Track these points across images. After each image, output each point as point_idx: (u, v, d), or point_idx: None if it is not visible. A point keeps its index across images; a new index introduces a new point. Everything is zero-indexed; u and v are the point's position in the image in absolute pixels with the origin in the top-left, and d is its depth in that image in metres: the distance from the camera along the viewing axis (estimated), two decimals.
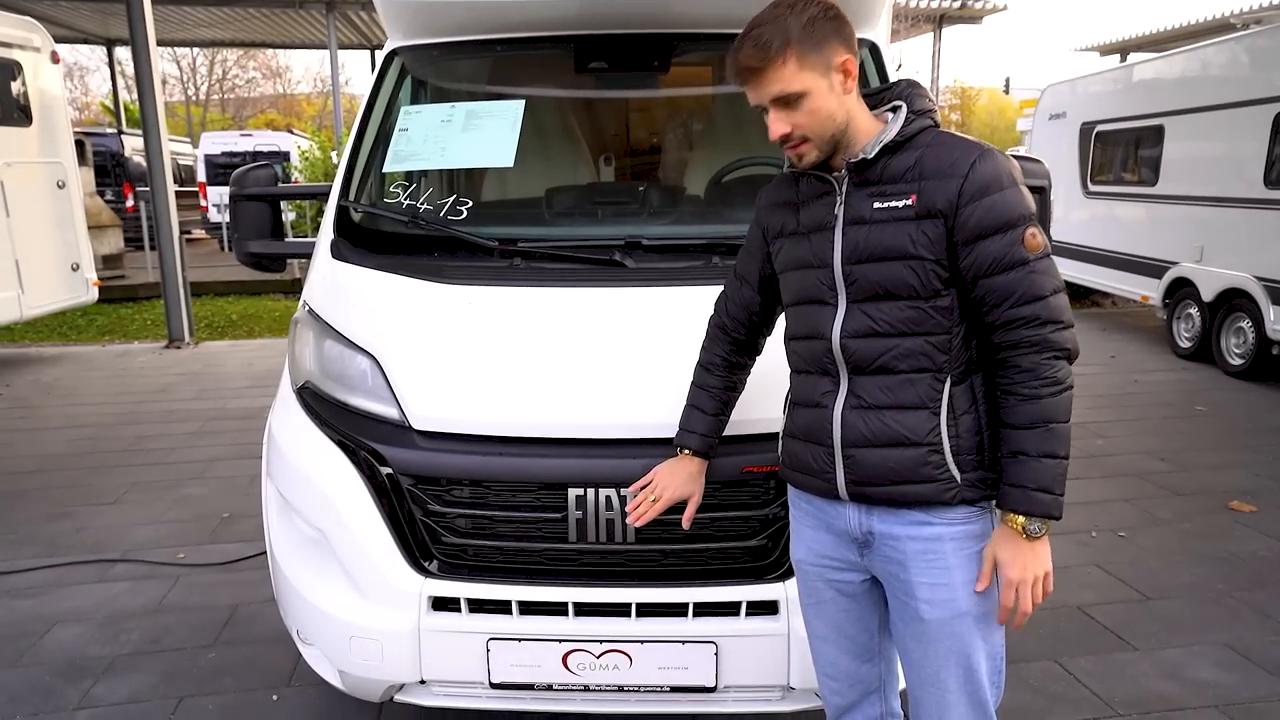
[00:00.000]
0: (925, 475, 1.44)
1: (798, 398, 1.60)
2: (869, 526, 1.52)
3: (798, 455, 1.59)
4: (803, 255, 1.53)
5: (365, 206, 2.62)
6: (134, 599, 3.19)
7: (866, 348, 1.45)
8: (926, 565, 1.47)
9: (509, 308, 2.16)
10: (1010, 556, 1.41)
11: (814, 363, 1.53)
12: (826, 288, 1.49)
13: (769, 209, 1.64)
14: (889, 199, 1.43)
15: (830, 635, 1.68)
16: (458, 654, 1.94)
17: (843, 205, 1.48)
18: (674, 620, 1.92)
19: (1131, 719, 2.43)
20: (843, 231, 1.47)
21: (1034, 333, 1.38)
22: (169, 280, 7.93)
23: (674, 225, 2.62)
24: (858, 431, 1.47)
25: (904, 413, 1.44)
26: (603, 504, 1.90)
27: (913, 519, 1.47)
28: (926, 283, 1.41)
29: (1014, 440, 1.40)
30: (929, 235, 1.40)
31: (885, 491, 1.47)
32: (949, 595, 1.46)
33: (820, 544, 1.62)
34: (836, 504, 1.55)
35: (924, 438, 1.43)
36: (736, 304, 1.76)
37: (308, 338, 2.30)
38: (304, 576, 2.07)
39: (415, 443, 1.98)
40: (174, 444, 5.12)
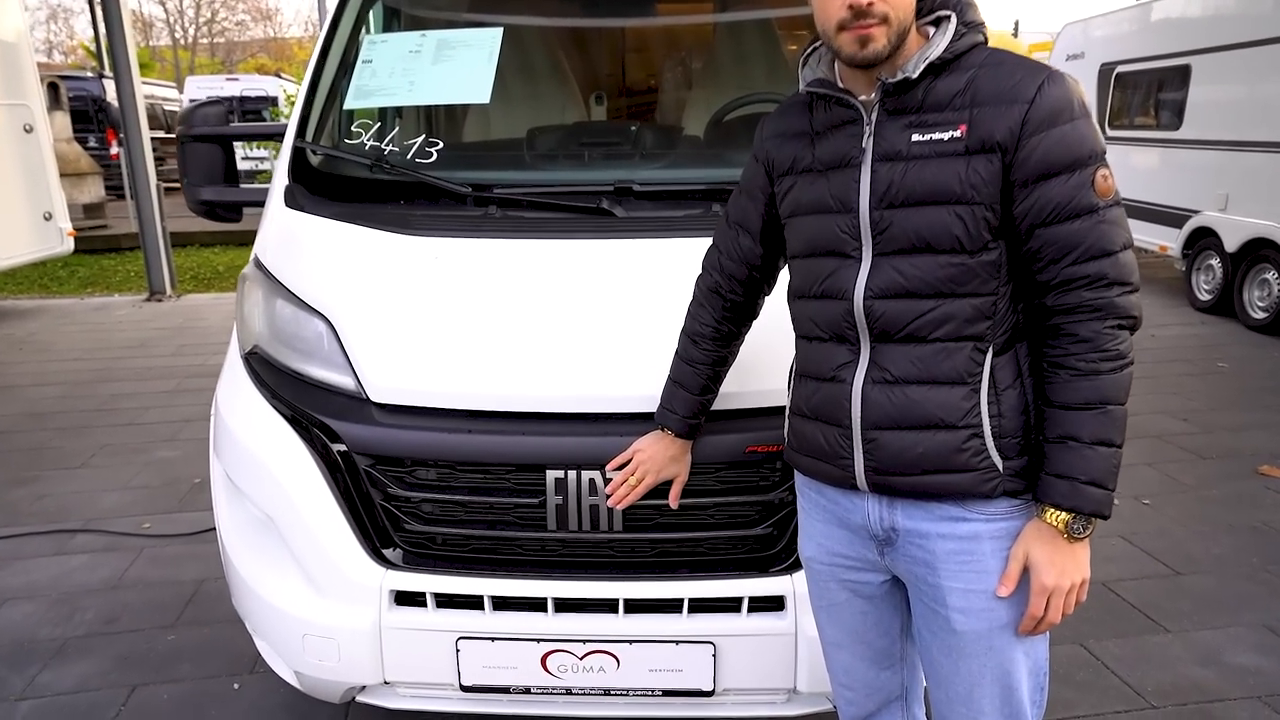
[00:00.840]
0: (961, 463, 1.20)
1: (807, 369, 1.35)
2: (891, 522, 1.29)
3: (807, 437, 1.35)
4: (818, 197, 1.27)
5: (324, 148, 2.34)
6: (92, 574, 2.99)
7: (896, 310, 1.20)
8: (960, 568, 1.24)
9: (481, 263, 1.90)
10: (1046, 558, 1.19)
11: (829, 328, 1.28)
12: (848, 237, 1.23)
13: (775, 140, 1.37)
14: (932, 130, 1.17)
15: (845, 641, 1.46)
16: (424, 654, 1.73)
17: (872, 137, 1.22)
18: (667, 618, 1.70)
19: (1166, 711, 2.24)
20: (871, 169, 1.21)
21: (1098, 295, 1.14)
22: (147, 230, 7.63)
23: (669, 169, 2.34)
24: (882, 410, 1.23)
25: (937, 389, 1.20)
26: (585, 488, 1.66)
27: (944, 514, 1.24)
28: (974, 233, 1.15)
29: (1063, 422, 1.16)
30: (981, 174, 1.14)
31: (913, 482, 1.23)
32: (987, 604, 1.24)
33: (833, 540, 1.39)
34: (853, 495, 1.32)
35: (961, 419, 1.20)
36: (732, 258, 1.49)
37: (256, 296, 2.04)
38: (253, 567, 1.84)
39: (373, 417, 1.74)
40: (148, 403, 4.90)
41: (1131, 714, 2.23)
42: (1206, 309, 7.11)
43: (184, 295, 8.10)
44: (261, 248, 2.17)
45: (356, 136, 2.32)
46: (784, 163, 1.35)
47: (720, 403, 1.70)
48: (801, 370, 1.37)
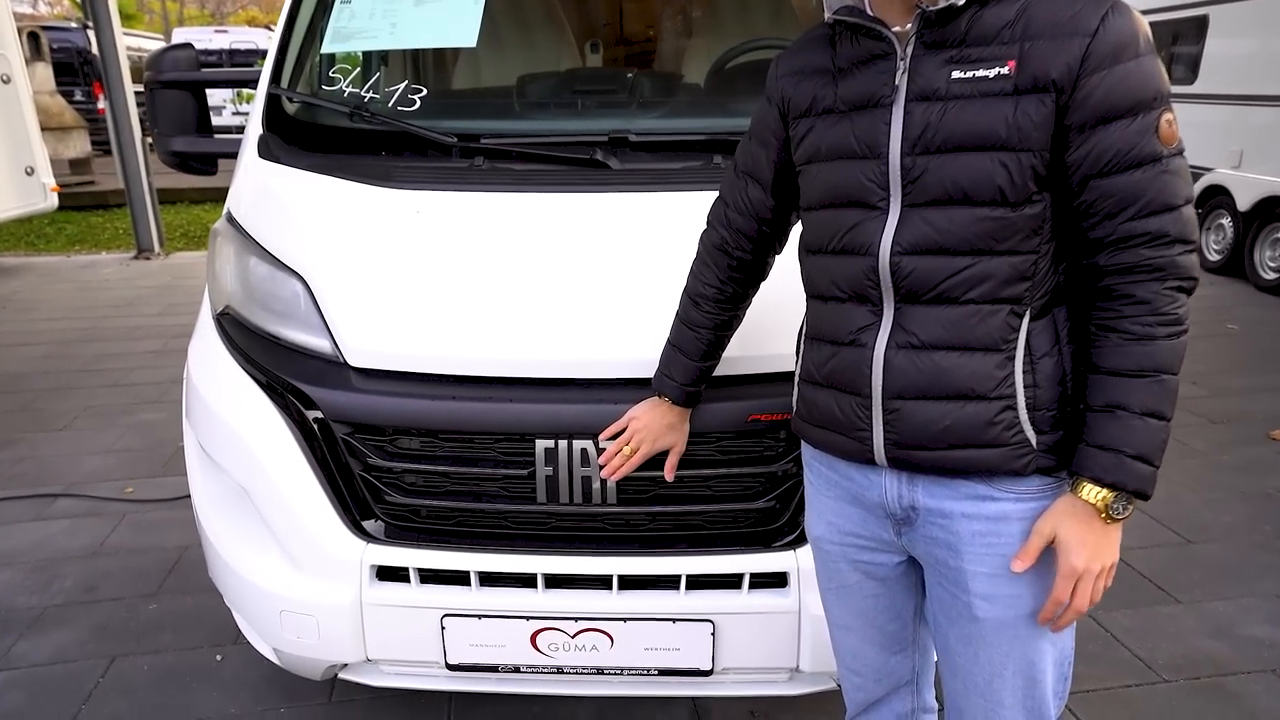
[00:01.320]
0: (992, 438, 1.09)
1: (821, 332, 1.23)
2: (911, 500, 1.18)
3: (820, 407, 1.24)
4: (841, 141, 1.14)
5: (300, 95, 2.20)
6: (72, 540, 2.90)
7: (926, 268, 1.08)
8: (985, 551, 1.14)
9: (466, 217, 1.78)
10: (1078, 538, 1.07)
11: (849, 286, 1.16)
12: (875, 186, 1.11)
13: (791, 79, 1.24)
14: (975, 66, 1.04)
15: (855, 624, 1.37)
16: (408, 632, 1.64)
17: (906, 74, 1.08)
18: (663, 594, 1.61)
19: (1178, 685, 2.17)
20: (905, 109, 1.08)
21: (1158, 254, 1.02)
22: (133, 187, 7.43)
23: (667, 118, 2.20)
24: (906, 378, 1.12)
25: (969, 355, 1.09)
26: (577, 458, 1.56)
27: (970, 492, 1.14)
28: (1019, 183, 1.03)
29: (1112, 390, 1.05)
30: (1031, 116, 1.01)
31: (937, 457, 1.12)
32: (1013, 590, 1.14)
33: (845, 519, 1.29)
34: (869, 470, 1.21)
35: (994, 389, 1.08)
36: (740, 211, 1.36)
37: (228, 253, 1.92)
38: (228, 541, 1.75)
39: (351, 383, 1.63)
40: (134, 364, 4.78)
41: (1143, 688, 2.16)
42: (1215, 269, 6.97)
43: (173, 253, 7.93)
44: (234, 201, 2.05)
45: (335, 83, 2.18)
46: (801, 103, 1.21)
47: (721, 368, 1.59)
48: (814, 333, 1.25)
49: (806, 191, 1.23)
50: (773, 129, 1.28)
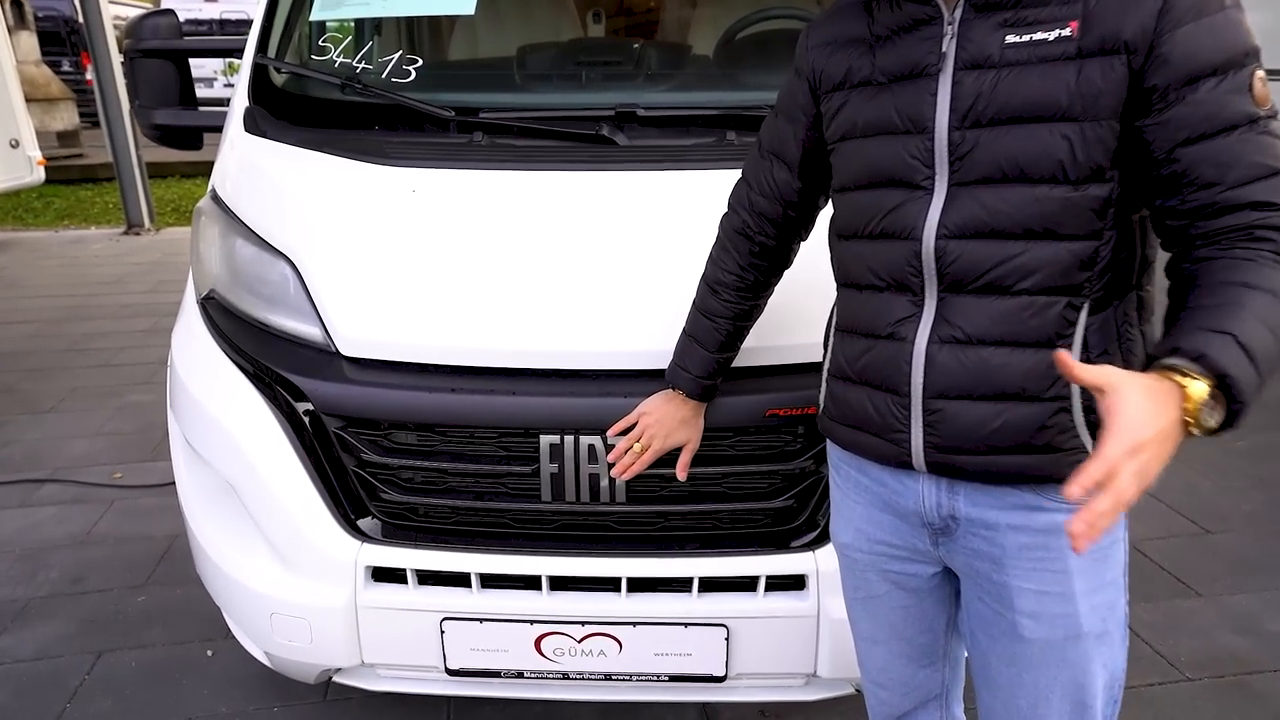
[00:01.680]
0: (1044, 442, 1.00)
1: (854, 324, 1.13)
2: (951, 509, 1.09)
3: (852, 405, 1.14)
4: (881, 115, 1.04)
5: (288, 65, 2.08)
6: (59, 527, 2.82)
7: (976, 253, 0.98)
8: (1034, 566, 1.05)
9: (465, 197, 1.68)
10: (1143, 418, 0.78)
11: (887, 273, 1.06)
12: (919, 163, 1.01)
13: (822, 49, 1.13)
14: (1032, 28, 0.93)
15: (882, 637, 1.28)
16: (405, 636, 1.56)
17: (954, 40, 0.98)
18: (675, 597, 1.53)
19: (1203, 684, 2.10)
20: (953, 79, 0.98)
21: (1267, 216, 0.87)
22: (122, 160, 7.27)
23: (677, 91, 2.09)
24: (951, 376, 1.02)
25: (1020, 351, 0.99)
26: (584, 455, 1.47)
27: (1017, 501, 1.04)
28: (1083, 158, 0.92)
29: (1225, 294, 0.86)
30: (1098, 82, 0.91)
31: (983, 462, 1.03)
32: (1064, 609, 1.05)
33: (876, 526, 1.20)
34: (905, 475, 1.12)
35: (1048, 389, 0.99)
36: (764, 193, 1.26)
37: (212, 234, 1.82)
38: (216, 539, 1.66)
39: (343, 373, 1.54)
40: (123, 343, 4.67)
41: (1167, 686, 2.09)
42: None
43: (163, 229, 7.78)
44: (219, 178, 1.94)
45: (325, 52, 2.06)
46: (834, 76, 1.11)
47: (737, 359, 1.51)
48: (847, 325, 1.15)
49: (841, 171, 1.12)
50: (801, 105, 1.17)
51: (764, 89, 2.04)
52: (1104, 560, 1.06)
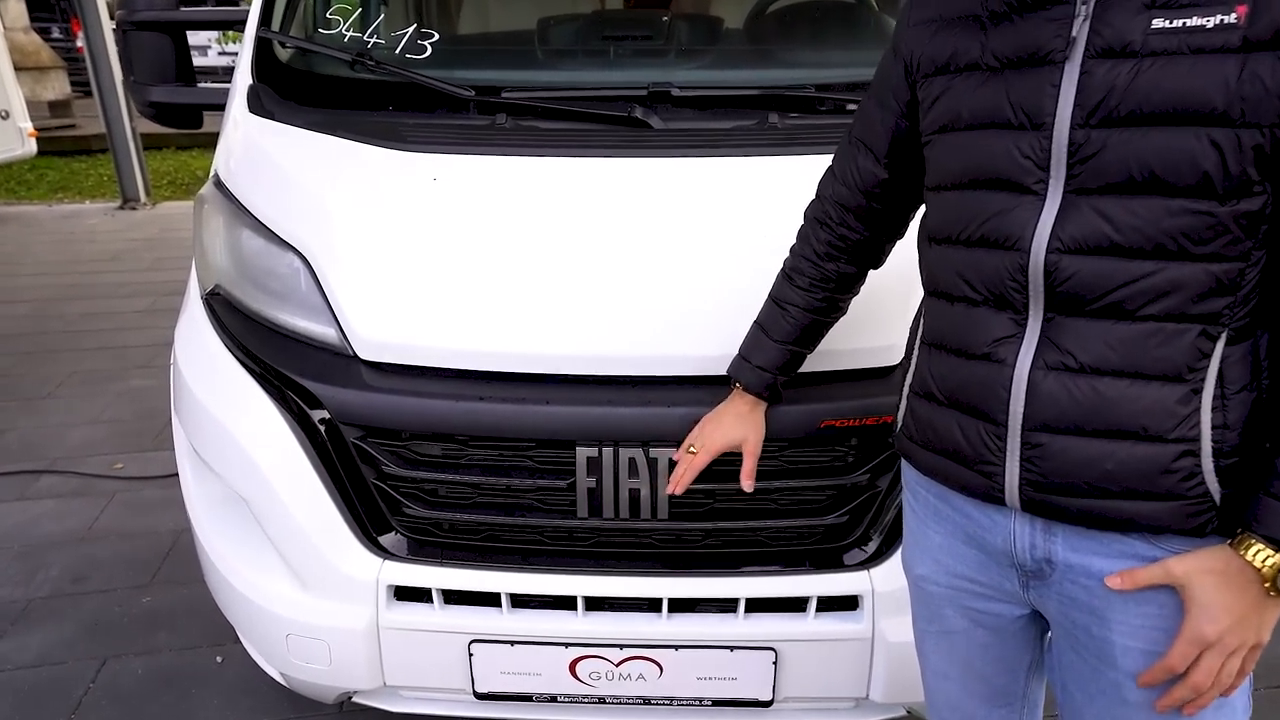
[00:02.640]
0: (1165, 488, 0.88)
1: (943, 338, 1.01)
2: (1047, 553, 0.97)
3: (937, 429, 1.02)
4: (989, 105, 0.92)
5: (294, 40, 1.95)
6: (59, 522, 2.72)
7: (1095, 272, 0.86)
8: (1144, 624, 0.93)
9: (490, 185, 1.55)
10: (1221, 603, 0.86)
11: (985, 286, 0.94)
12: (1032, 164, 0.88)
13: (926, 27, 1.00)
14: (1187, 12, 0.80)
15: (956, 674, 1.18)
16: (430, 658, 1.47)
17: (1088, 22, 0.85)
18: (720, 619, 1.43)
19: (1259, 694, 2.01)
20: (1081, 68, 0.85)
21: None
22: (115, 131, 7.07)
23: (713, 69, 1.95)
24: (1058, 408, 0.90)
25: (1144, 385, 0.87)
26: (625, 468, 1.37)
27: (1126, 549, 0.92)
28: (1235, 169, 0.79)
29: None
30: (1264, 80, 0.77)
31: (1090, 505, 0.91)
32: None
33: (957, 560, 1.08)
34: (994, 510, 1.00)
35: (1174, 428, 0.87)
36: (846, 182, 1.14)
37: (217, 225, 1.70)
38: (227, 554, 1.56)
39: (361, 379, 1.42)
40: (122, 324, 4.55)
41: None
42: None
43: (160, 203, 7.60)
44: (222, 163, 1.81)
45: (333, 25, 1.92)
46: (936, 57, 0.98)
47: None
48: (935, 339, 1.03)
49: (936, 166, 1.00)
50: (894, 88, 1.05)
51: (806, 66, 1.92)
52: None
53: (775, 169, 1.55)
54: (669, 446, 1.35)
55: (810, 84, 1.74)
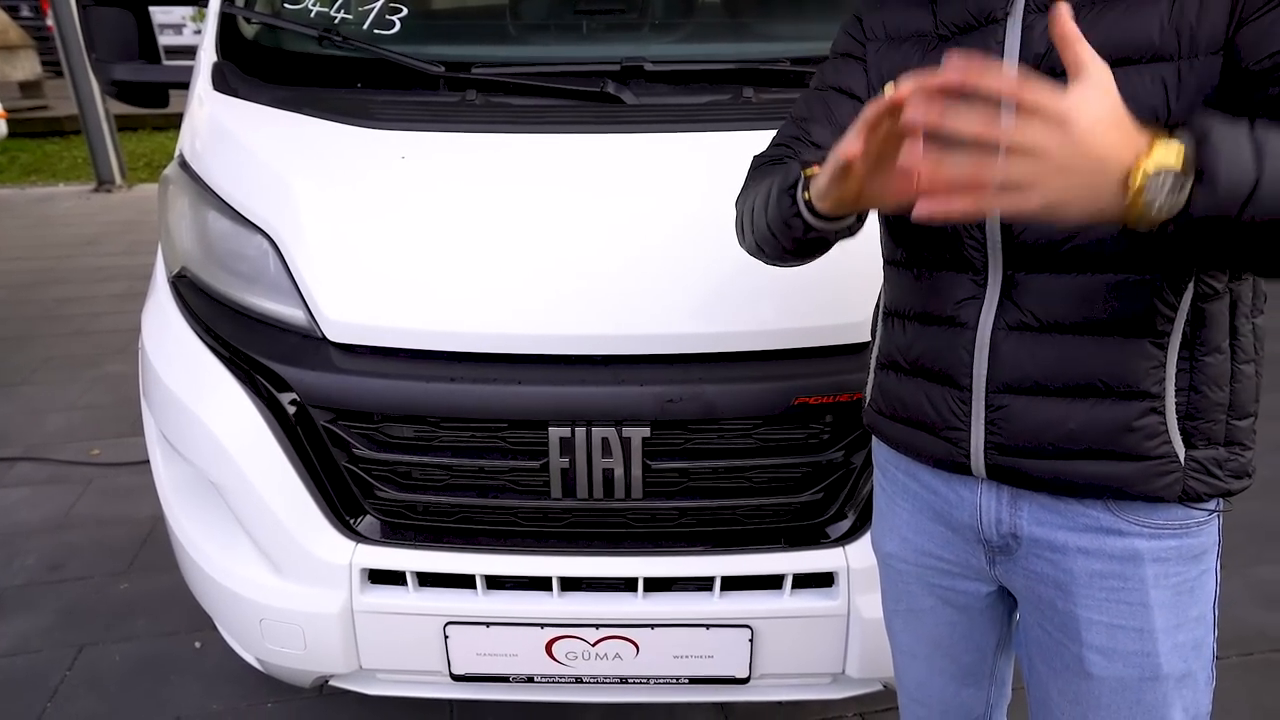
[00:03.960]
0: (1129, 447, 0.86)
1: (904, 306, 1.00)
2: (1013, 527, 0.97)
3: (904, 399, 1.01)
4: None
5: (259, 15, 1.90)
6: (34, 510, 2.69)
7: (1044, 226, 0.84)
8: (1107, 597, 0.93)
9: (460, 163, 1.53)
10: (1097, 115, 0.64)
11: (942, 248, 0.93)
12: None
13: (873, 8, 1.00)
14: None
15: (923, 652, 1.17)
16: (406, 641, 1.46)
17: None
18: (695, 597, 1.43)
19: (1231, 662, 2.04)
20: (1023, 25, 0.84)
21: None
22: (88, 112, 6.96)
23: (688, 43, 1.92)
24: (1020, 368, 0.89)
25: (1105, 341, 0.85)
26: (598, 448, 1.36)
27: (1090, 522, 0.92)
28: (1186, 104, 0.78)
29: None
30: (1193, 18, 0.76)
31: (1055, 468, 0.90)
32: (1141, 647, 0.93)
33: (924, 537, 1.07)
34: (960, 484, 0.99)
35: (1138, 383, 0.85)
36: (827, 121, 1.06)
37: (182, 206, 1.66)
38: (199, 540, 1.54)
39: (331, 360, 1.41)
40: (98, 309, 4.49)
41: None
42: None
43: (136, 185, 7.49)
44: (187, 142, 1.78)
45: (301, 1, 1.88)
46: (887, 26, 0.98)
47: (761, 342, 1.39)
48: (896, 308, 1.02)
49: None
50: (855, 52, 1.03)
51: (782, 39, 1.89)
52: (1190, 593, 0.93)
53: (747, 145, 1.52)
54: (641, 426, 1.34)
55: (785, 58, 1.72)
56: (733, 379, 1.36)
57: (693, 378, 1.35)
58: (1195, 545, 0.92)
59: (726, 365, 1.37)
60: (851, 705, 1.90)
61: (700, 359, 1.38)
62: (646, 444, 1.35)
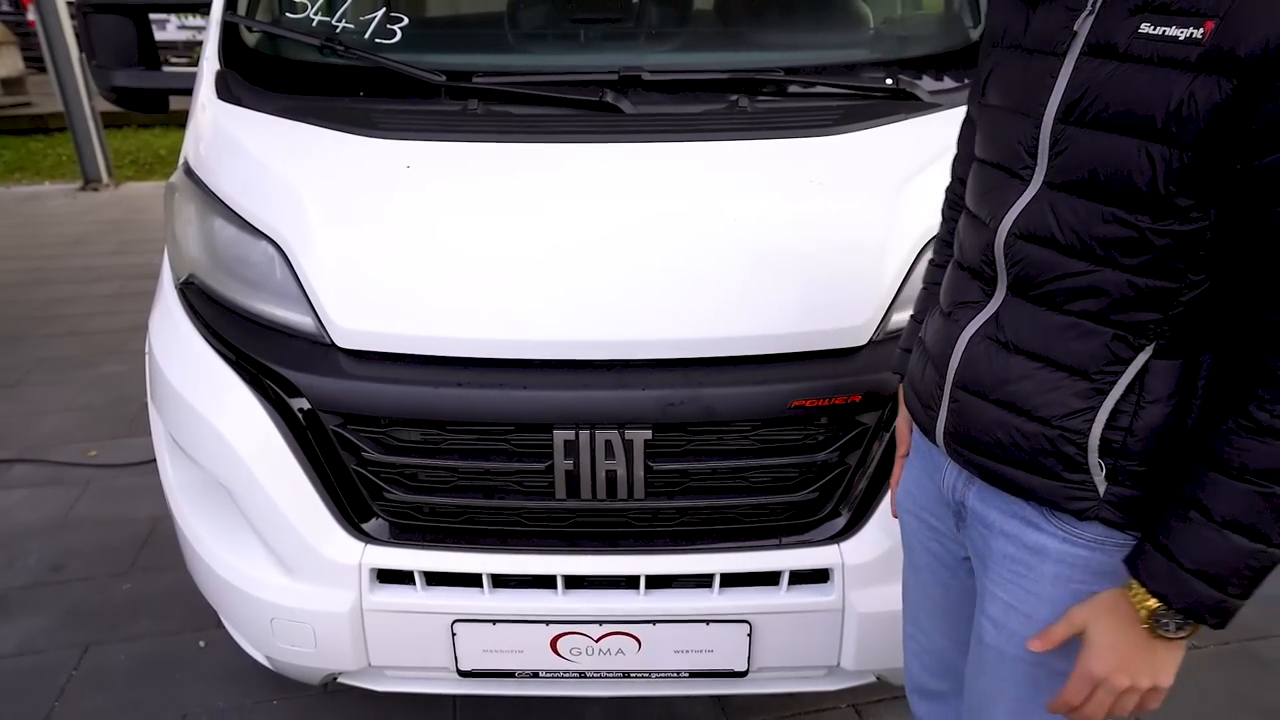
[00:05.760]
0: (1044, 466, 0.94)
1: (942, 299, 1.10)
2: (964, 497, 1.07)
3: (916, 374, 1.13)
4: (1012, 86, 0.95)
5: (261, 24, 1.93)
6: (34, 511, 2.70)
7: (1037, 260, 0.91)
8: (1010, 578, 1.01)
9: (463, 172, 1.57)
10: (1109, 642, 0.90)
11: (970, 256, 1.02)
12: (1023, 150, 0.92)
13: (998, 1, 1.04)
14: (1170, 20, 0.80)
15: (926, 607, 1.26)
16: (414, 638, 1.50)
17: (1092, 17, 0.86)
18: (695, 594, 1.48)
19: (1207, 651, 2.11)
20: (1076, 63, 0.87)
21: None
22: (73, 109, 6.91)
23: (684, 52, 1.96)
24: (974, 371, 0.99)
25: (1048, 371, 0.92)
26: (601, 450, 1.40)
27: (1017, 510, 1.00)
28: (1162, 187, 0.80)
29: (1199, 480, 0.84)
30: (1199, 102, 0.77)
31: (984, 463, 1.00)
32: (1024, 630, 1.00)
33: (921, 491, 1.19)
34: (939, 452, 1.10)
35: (1061, 416, 0.92)
36: (959, 153, 1.21)
37: (189, 213, 1.69)
38: (210, 542, 1.57)
39: (340, 366, 1.44)
40: (89, 309, 4.48)
41: None
42: None
43: (123, 183, 7.45)
44: (191, 150, 1.80)
45: (302, 10, 1.91)
46: (997, 25, 1.01)
47: (758, 346, 1.44)
48: (939, 299, 1.11)
49: (976, 138, 1.04)
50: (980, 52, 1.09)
51: (776, 48, 1.93)
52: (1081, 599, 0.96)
53: (743, 153, 1.58)
54: (643, 428, 1.38)
55: (778, 67, 1.76)
56: (732, 382, 1.40)
57: (693, 381, 1.39)
58: (1108, 563, 0.94)
59: (726, 369, 1.42)
60: (845, 697, 1.96)
61: (700, 363, 1.42)
62: (648, 446, 1.39)
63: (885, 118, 1.65)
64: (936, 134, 1.64)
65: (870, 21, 2.06)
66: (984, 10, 1.86)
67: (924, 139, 1.63)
